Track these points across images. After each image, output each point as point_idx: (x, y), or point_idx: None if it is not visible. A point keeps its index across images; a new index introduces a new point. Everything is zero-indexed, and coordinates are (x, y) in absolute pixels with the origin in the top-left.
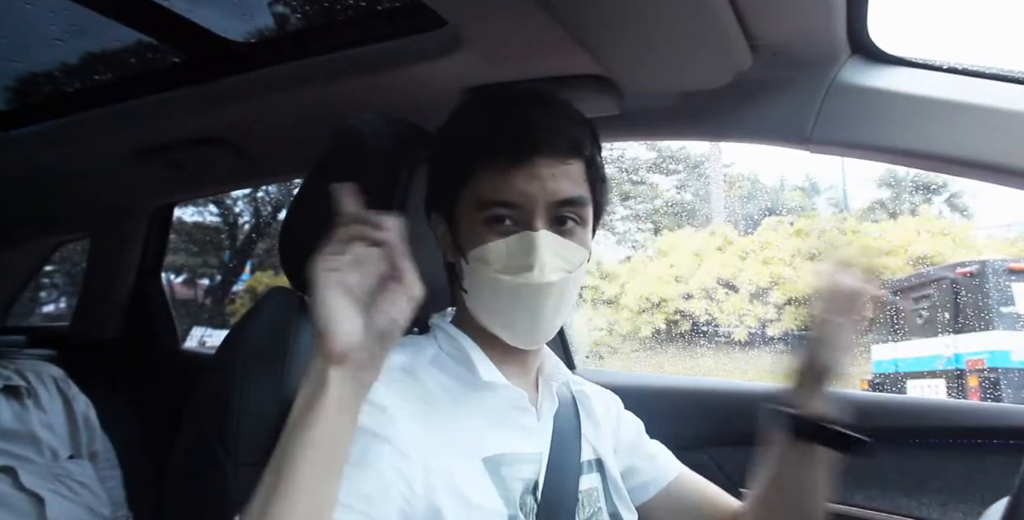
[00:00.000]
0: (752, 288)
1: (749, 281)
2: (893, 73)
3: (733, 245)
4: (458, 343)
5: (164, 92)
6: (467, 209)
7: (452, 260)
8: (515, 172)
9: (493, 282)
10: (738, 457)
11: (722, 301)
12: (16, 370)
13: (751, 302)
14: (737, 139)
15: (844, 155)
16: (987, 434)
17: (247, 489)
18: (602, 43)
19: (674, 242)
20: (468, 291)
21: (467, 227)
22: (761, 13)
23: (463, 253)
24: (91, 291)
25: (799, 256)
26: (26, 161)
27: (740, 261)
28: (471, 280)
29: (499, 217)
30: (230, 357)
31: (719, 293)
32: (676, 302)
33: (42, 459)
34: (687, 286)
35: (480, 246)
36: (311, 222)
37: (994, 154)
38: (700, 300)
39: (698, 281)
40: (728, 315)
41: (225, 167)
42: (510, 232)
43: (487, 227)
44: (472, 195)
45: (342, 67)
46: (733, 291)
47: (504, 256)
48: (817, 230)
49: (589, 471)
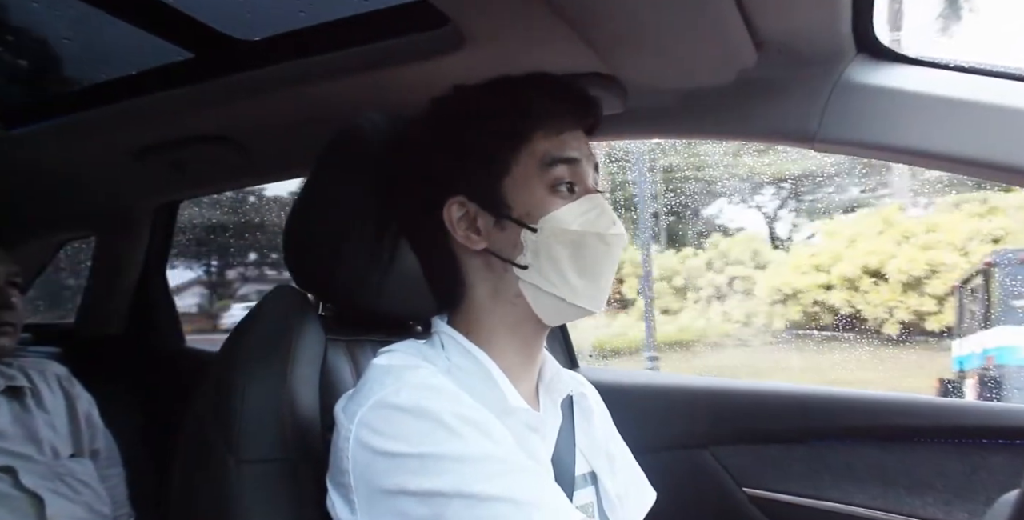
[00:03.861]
0: (904, 277)
1: (900, 270)
2: (899, 71)
3: (893, 228)
4: (473, 357)
5: (168, 90)
6: (523, 177)
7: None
8: (567, 133)
9: (576, 243)
10: (740, 456)
11: (868, 292)
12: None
13: (904, 293)
14: (742, 137)
15: (850, 154)
16: (991, 433)
17: (250, 487)
18: (606, 40)
19: (832, 228)
20: (530, 265)
21: (524, 197)
22: (766, 11)
23: (523, 224)
24: (96, 288)
25: (977, 239)
26: (31, 159)
27: (895, 246)
28: (539, 250)
29: (561, 180)
30: (233, 355)
31: (864, 283)
32: (814, 293)
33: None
34: (828, 276)
35: (553, 211)
36: (314, 220)
37: (1003, 153)
38: (842, 291)
39: (841, 270)
40: (875, 307)
41: (229, 165)
42: (571, 198)
43: (552, 193)
44: (531, 160)
45: (345, 65)
46: (882, 280)
47: (580, 218)
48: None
49: (584, 485)
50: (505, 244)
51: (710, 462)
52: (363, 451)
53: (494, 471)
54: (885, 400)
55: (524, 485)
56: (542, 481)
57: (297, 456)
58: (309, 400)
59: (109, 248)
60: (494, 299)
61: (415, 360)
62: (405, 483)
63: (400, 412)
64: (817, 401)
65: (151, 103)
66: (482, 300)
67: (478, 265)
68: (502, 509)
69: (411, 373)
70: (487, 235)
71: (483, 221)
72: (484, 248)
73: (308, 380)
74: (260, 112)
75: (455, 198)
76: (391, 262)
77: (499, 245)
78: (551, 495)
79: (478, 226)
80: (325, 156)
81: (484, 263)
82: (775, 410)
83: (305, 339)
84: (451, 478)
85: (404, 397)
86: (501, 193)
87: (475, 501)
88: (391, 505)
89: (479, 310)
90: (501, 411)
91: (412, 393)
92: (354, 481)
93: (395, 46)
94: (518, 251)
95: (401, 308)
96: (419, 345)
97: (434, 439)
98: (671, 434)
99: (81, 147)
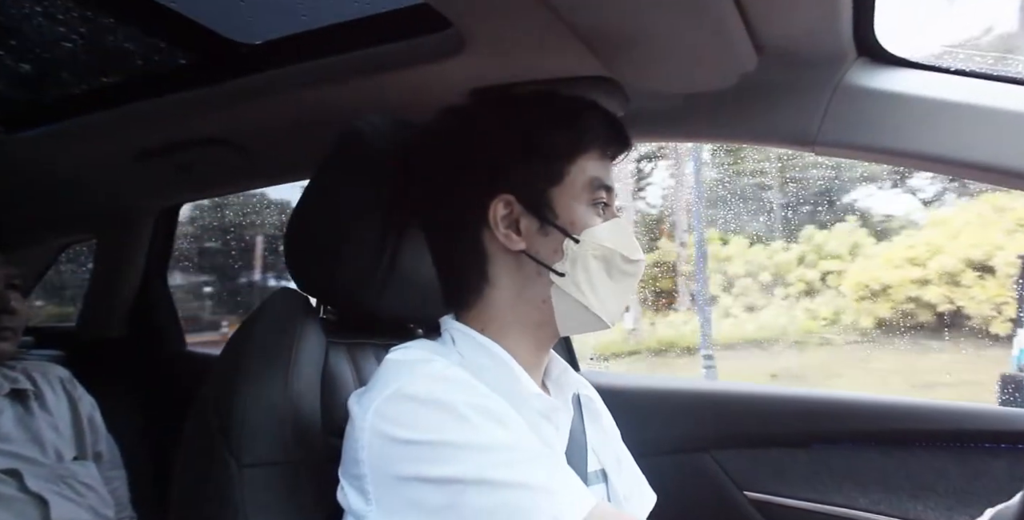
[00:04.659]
0: (1013, 270)
1: (1008, 262)
2: (900, 75)
3: (1005, 213)
4: (488, 351)
5: (170, 94)
6: (571, 190)
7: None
8: (610, 162)
9: (609, 259)
10: (741, 459)
11: (971, 286)
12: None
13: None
14: (743, 141)
15: (851, 157)
16: (994, 437)
17: (251, 490)
18: (607, 44)
19: (938, 217)
20: (567, 273)
21: (570, 209)
22: (767, 14)
23: (567, 233)
24: (97, 291)
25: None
26: (34, 162)
27: (1005, 237)
28: (577, 260)
29: (600, 200)
30: (235, 357)
31: (967, 277)
32: (907, 288)
33: (47, 461)
34: (924, 270)
35: (594, 227)
36: (316, 223)
37: (1003, 157)
38: (941, 286)
39: (940, 263)
40: (980, 303)
41: (231, 168)
42: (605, 217)
43: (593, 209)
44: (580, 177)
45: (347, 69)
46: (989, 273)
47: (614, 238)
48: None
49: (596, 482)
50: (545, 249)
51: (711, 466)
52: (378, 440)
53: (509, 459)
54: (887, 404)
55: (539, 472)
56: (557, 467)
57: (298, 459)
58: (310, 403)
59: (111, 251)
60: (517, 299)
61: (428, 354)
62: (421, 471)
63: (415, 402)
64: (819, 405)
65: (153, 107)
66: (504, 299)
67: (510, 265)
68: (517, 495)
69: (425, 366)
70: (527, 237)
71: (526, 223)
72: (522, 249)
73: (309, 383)
74: (262, 115)
75: (504, 196)
76: (392, 265)
77: (538, 249)
78: (566, 480)
79: (520, 227)
80: (327, 159)
81: (516, 264)
82: (777, 414)
83: (306, 342)
84: (466, 466)
85: (419, 387)
86: (550, 200)
87: (490, 487)
88: (406, 493)
89: (498, 308)
90: (516, 399)
91: (426, 384)
92: (369, 470)
93: (397, 50)
94: (558, 257)
95: (402, 311)
96: (430, 343)
97: (449, 428)
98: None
99: (83, 150)
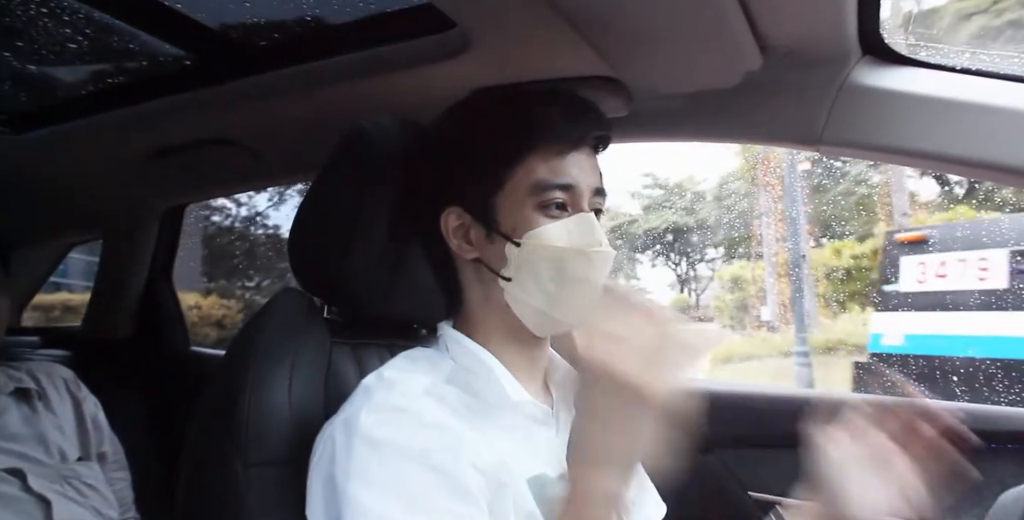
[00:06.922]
0: None
1: None
2: (905, 74)
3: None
4: (475, 356)
5: (176, 94)
6: (514, 195)
7: (473, 253)
8: (570, 157)
9: (557, 259)
10: (749, 460)
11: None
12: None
13: None
14: (748, 140)
15: (856, 156)
16: (999, 438)
17: (257, 490)
18: (611, 44)
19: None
20: (513, 278)
21: (513, 213)
22: (771, 13)
23: (508, 238)
24: (103, 291)
25: None
26: (40, 163)
27: None
28: (521, 264)
29: (553, 201)
30: (240, 358)
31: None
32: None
33: (51, 461)
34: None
35: (538, 228)
36: (320, 223)
37: (1009, 155)
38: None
39: None
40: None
41: (236, 169)
42: (561, 216)
43: (540, 211)
44: (524, 180)
45: (352, 69)
46: None
47: (566, 236)
48: None
49: None
50: (494, 256)
51: (716, 466)
52: (320, 463)
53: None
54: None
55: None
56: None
57: (303, 458)
58: (314, 403)
59: (116, 251)
60: (487, 306)
61: (407, 372)
62: (323, 503)
63: (357, 437)
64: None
65: (159, 107)
66: (477, 306)
67: (471, 273)
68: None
69: (387, 392)
70: (478, 246)
71: (476, 232)
72: (475, 258)
73: (313, 383)
74: (267, 116)
75: (453, 208)
76: (398, 265)
77: (488, 256)
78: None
79: (471, 237)
80: (332, 159)
81: (475, 272)
82: (782, 414)
83: (311, 342)
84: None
85: (363, 420)
86: (493, 207)
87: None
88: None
89: (475, 314)
90: (506, 406)
91: (371, 417)
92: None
93: (401, 50)
94: (503, 264)
95: (407, 312)
96: (426, 351)
97: (373, 470)
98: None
99: (89, 151)
